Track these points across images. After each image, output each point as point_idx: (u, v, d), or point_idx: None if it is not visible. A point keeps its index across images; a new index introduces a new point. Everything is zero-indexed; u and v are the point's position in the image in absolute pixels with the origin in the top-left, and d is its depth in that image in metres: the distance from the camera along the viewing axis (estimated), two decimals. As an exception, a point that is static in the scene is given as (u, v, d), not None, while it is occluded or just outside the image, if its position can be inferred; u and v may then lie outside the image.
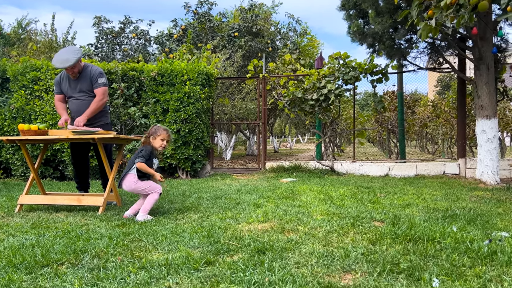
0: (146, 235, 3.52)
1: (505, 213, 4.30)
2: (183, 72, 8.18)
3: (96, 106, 5.06)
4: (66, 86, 5.24)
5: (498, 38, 7.68)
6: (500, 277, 2.46)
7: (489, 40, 6.89)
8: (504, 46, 7.90)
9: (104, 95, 5.15)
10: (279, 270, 2.62)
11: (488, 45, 6.88)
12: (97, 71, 5.18)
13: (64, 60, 4.91)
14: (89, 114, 5.01)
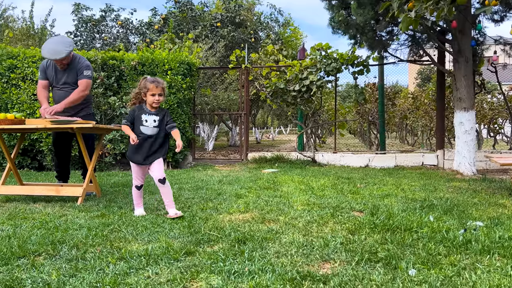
0: (125, 226, 3.49)
1: (481, 203, 4.40)
2: (164, 61, 8.08)
3: (76, 97, 4.92)
4: (52, 74, 5.08)
5: (476, 32, 7.80)
6: (474, 265, 2.52)
7: (468, 33, 6.99)
8: (482, 40, 8.03)
9: (87, 87, 4.99)
10: (259, 259, 2.64)
11: (467, 39, 6.98)
12: (85, 63, 5.03)
13: (56, 52, 4.76)
14: (67, 104, 4.88)
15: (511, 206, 4.27)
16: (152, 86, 3.79)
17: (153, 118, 3.87)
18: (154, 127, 3.86)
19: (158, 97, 3.82)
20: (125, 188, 5.49)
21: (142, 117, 3.85)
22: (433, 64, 8.07)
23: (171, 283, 2.29)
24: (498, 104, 11.71)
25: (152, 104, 3.83)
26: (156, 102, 3.82)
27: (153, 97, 3.81)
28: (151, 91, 3.80)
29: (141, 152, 3.86)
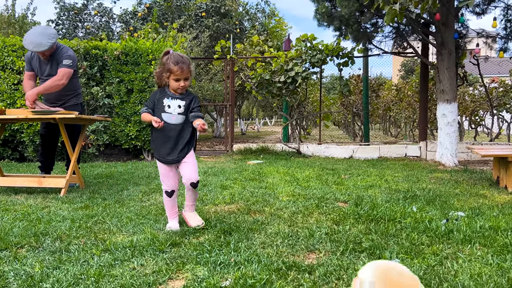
0: (110, 218, 3.46)
1: (462, 194, 4.48)
2: (148, 51, 7.99)
3: (49, 84, 4.70)
4: (37, 65, 4.94)
5: (459, 24, 7.89)
6: (456, 254, 2.57)
7: (451, 26, 7.06)
8: (465, 32, 8.12)
9: (63, 76, 4.78)
10: (245, 250, 2.64)
11: (450, 31, 7.05)
12: (66, 53, 4.84)
13: (37, 44, 4.61)
14: (40, 91, 4.70)
15: (491, 197, 4.35)
16: (176, 70, 3.01)
17: (177, 103, 3.12)
18: (179, 114, 3.12)
19: (183, 82, 3.07)
20: (109, 180, 5.44)
21: (164, 102, 3.11)
22: (417, 56, 8.15)
23: (157, 274, 2.29)
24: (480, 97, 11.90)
25: (176, 90, 3.12)
26: (181, 88, 3.09)
27: (177, 83, 3.06)
28: (175, 75, 3.04)
29: (166, 146, 3.12)
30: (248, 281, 2.16)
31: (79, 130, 5.01)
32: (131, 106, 7.84)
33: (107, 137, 7.86)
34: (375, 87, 12.91)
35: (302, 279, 2.21)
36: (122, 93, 7.89)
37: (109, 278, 2.23)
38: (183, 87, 3.09)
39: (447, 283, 2.12)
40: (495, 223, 3.19)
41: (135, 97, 7.85)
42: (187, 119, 3.15)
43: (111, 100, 7.89)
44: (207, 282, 2.15)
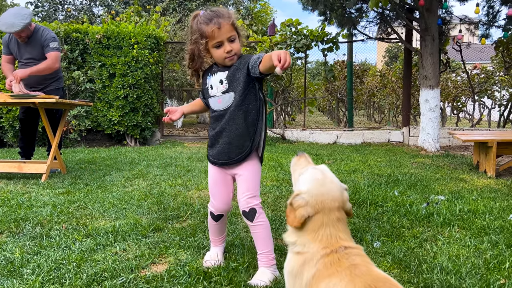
0: (92, 203, 3.43)
1: (443, 178, 4.56)
2: (131, 35, 7.85)
3: (43, 67, 4.61)
4: (15, 48, 4.81)
5: (443, 10, 7.92)
6: (435, 237, 2.62)
7: (434, 11, 7.09)
8: (448, 19, 8.17)
9: (56, 60, 4.71)
10: (229, 234, 2.65)
11: (433, 17, 7.08)
12: (49, 35, 4.74)
13: (10, 25, 4.48)
14: (33, 71, 4.58)
15: (471, 181, 4.44)
16: (211, 29, 1.98)
17: (218, 77, 2.10)
18: (223, 93, 2.08)
19: (229, 45, 2.02)
20: (91, 165, 5.38)
21: (207, 82, 2.16)
22: (401, 42, 8.17)
23: (139, 259, 2.28)
24: (462, 83, 12.04)
25: (224, 60, 2.05)
26: (230, 56, 2.03)
27: (220, 50, 2.02)
28: (213, 39, 2.00)
29: (217, 143, 2.14)
30: (231, 264, 2.18)
31: (60, 115, 4.92)
32: (114, 91, 7.73)
33: (89, 122, 7.75)
34: (360, 73, 12.94)
35: (282, 263, 2.22)
36: (104, 77, 7.76)
37: (91, 263, 2.22)
38: (231, 52, 2.02)
39: (426, 265, 2.16)
40: (474, 207, 3.26)
41: (117, 82, 7.73)
42: (240, 98, 2.05)
43: (93, 84, 7.76)
44: (190, 266, 2.16)
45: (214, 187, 2.22)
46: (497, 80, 11.31)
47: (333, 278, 1.24)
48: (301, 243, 1.40)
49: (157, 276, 2.06)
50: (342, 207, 1.44)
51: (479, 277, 2.02)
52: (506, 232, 2.66)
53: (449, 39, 8.40)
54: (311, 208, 1.38)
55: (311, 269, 1.32)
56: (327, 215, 1.39)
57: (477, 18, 8.58)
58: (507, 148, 4.90)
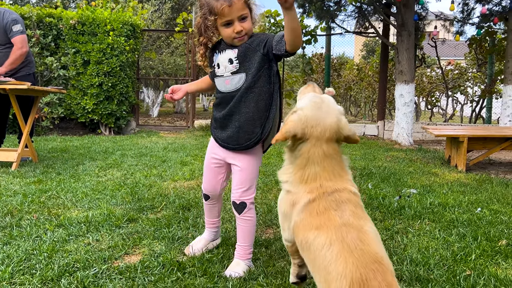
0: (64, 193, 3.37)
1: (415, 172, 4.66)
2: (106, 21, 7.68)
3: (15, 56, 4.50)
4: None
5: (419, 6, 8.04)
6: (406, 230, 2.68)
7: (411, 7, 7.19)
8: (424, 15, 8.30)
9: (23, 43, 4.56)
10: (203, 226, 2.64)
11: (410, 12, 7.18)
12: (10, 17, 4.57)
13: None
14: (7, 66, 4.48)
15: (442, 175, 4.55)
16: (221, 6, 1.83)
17: (227, 56, 1.97)
18: (233, 73, 1.96)
19: (239, 25, 1.89)
20: (64, 154, 5.27)
21: (215, 61, 2.03)
22: (378, 36, 8.26)
23: (113, 250, 2.26)
24: (436, 78, 12.29)
25: (233, 40, 1.93)
26: (240, 35, 1.91)
27: (229, 29, 1.90)
28: (223, 17, 1.87)
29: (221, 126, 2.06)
30: (205, 255, 2.18)
31: (32, 102, 4.78)
32: (88, 78, 7.57)
33: (62, 110, 7.58)
34: (337, 66, 13.04)
35: (259, 253, 2.25)
36: (78, 64, 7.59)
37: (63, 253, 2.18)
38: (241, 32, 1.89)
39: (396, 256, 2.21)
40: (444, 200, 3.35)
41: (92, 69, 7.57)
42: (253, 80, 1.92)
43: (67, 71, 7.58)
44: (164, 257, 2.15)
45: (206, 169, 2.19)
46: (470, 77, 11.59)
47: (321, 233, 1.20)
48: (291, 181, 1.37)
49: (131, 267, 2.05)
50: (336, 137, 1.37)
51: (446, 269, 2.08)
52: (473, 225, 2.75)
53: (425, 35, 8.55)
54: (300, 127, 1.33)
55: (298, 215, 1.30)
56: (313, 147, 1.33)
57: (452, 15, 8.75)
58: (477, 143, 5.04)
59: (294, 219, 1.32)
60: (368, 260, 1.13)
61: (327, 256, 1.16)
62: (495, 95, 10.21)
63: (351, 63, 15.94)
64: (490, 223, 2.78)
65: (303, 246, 1.26)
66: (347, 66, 14.90)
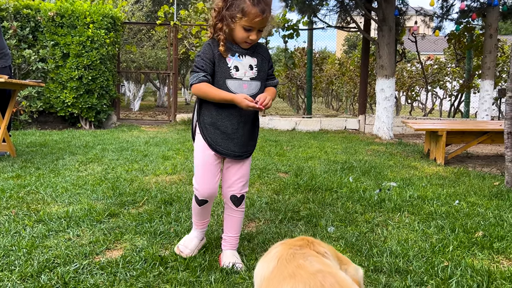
0: (44, 188, 3.32)
1: (395, 165, 4.73)
2: (86, 14, 7.54)
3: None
4: None
5: (400, 1, 8.12)
6: (386, 222, 2.73)
7: (392, 2, 7.25)
8: (405, 10, 8.39)
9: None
10: (186, 220, 2.65)
11: (391, 7, 7.25)
12: None
13: None
14: None
15: (422, 168, 4.63)
16: (255, 13, 1.87)
17: (248, 61, 2.03)
18: (252, 79, 2.03)
19: (255, 35, 1.95)
20: (43, 148, 5.18)
21: (229, 62, 2.00)
22: (359, 31, 8.32)
23: (94, 245, 2.24)
24: (416, 73, 12.46)
25: (242, 43, 1.99)
26: (250, 43, 1.99)
27: (246, 33, 1.94)
28: (249, 21, 1.89)
29: (234, 133, 2.04)
30: (187, 250, 2.18)
31: (9, 95, 4.69)
32: (67, 71, 7.44)
33: (40, 103, 7.43)
34: (319, 60, 13.09)
35: (241, 247, 2.26)
36: (57, 57, 7.44)
37: (43, 249, 2.16)
38: (253, 41, 1.98)
39: (376, 249, 2.25)
40: (423, 193, 3.41)
41: (71, 62, 7.43)
42: (261, 85, 2.07)
43: (45, 64, 7.43)
44: (146, 252, 2.14)
45: (204, 172, 2.05)
46: (449, 71, 11.79)
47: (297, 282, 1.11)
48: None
49: (112, 262, 2.03)
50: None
51: (425, 260, 2.13)
52: (451, 217, 2.81)
53: (405, 30, 8.64)
54: None
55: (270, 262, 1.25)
56: None
57: (432, 11, 8.87)
58: (455, 137, 5.14)
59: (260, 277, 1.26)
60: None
61: None
62: (473, 90, 10.42)
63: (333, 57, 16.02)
64: (467, 215, 2.85)
65: None
66: (329, 60, 14.98)
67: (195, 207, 2.14)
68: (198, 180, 2.06)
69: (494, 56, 7.82)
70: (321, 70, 13.59)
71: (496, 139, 5.13)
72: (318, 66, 12.97)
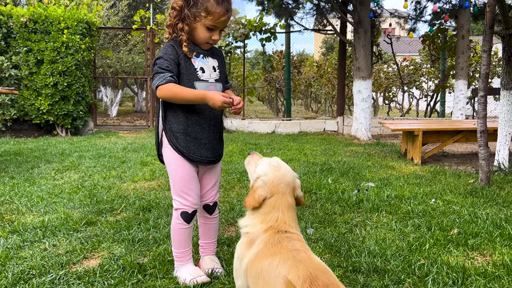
0: (19, 197, 3.25)
1: (373, 166, 4.79)
2: (60, 19, 7.42)
3: None
4: None
5: (374, 4, 8.25)
6: (364, 222, 2.76)
7: (367, 5, 7.36)
8: (380, 12, 8.52)
9: None
10: (165, 226, 2.62)
11: (366, 10, 7.35)
12: None
13: None
14: None
15: (399, 168, 4.70)
16: (220, 12, 1.85)
17: (211, 63, 2.00)
18: (215, 81, 2.00)
19: (217, 35, 1.93)
20: (18, 157, 5.07)
21: (196, 64, 1.94)
22: (336, 34, 8.42)
23: (70, 254, 2.20)
24: (393, 74, 12.65)
25: (203, 44, 1.95)
26: (212, 43, 1.97)
27: (209, 33, 1.90)
28: (213, 20, 1.86)
29: (203, 138, 1.97)
30: (167, 257, 2.16)
31: None
32: (42, 78, 7.30)
33: (14, 111, 7.27)
34: (297, 63, 13.18)
35: (221, 252, 2.25)
36: (31, 63, 7.30)
37: (17, 260, 2.11)
38: (215, 41, 1.96)
39: (355, 249, 2.27)
40: (400, 192, 3.46)
41: (46, 68, 7.30)
42: (224, 89, 2.05)
43: (19, 71, 7.28)
44: (124, 260, 2.12)
45: (190, 183, 1.94)
46: (424, 72, 12.01)
47: (276, 257, 1.33)
48: (251, 224, 1.51)
49: (89, 271, 2.00)
50: (294, 193, 1.55)
51: (402, 259, 2.16)
52: (428, 215, 2.86)
53: (381, 32, 8.78)
54: (268, 189, 1.50)
55: (254, 249, 1.43)
56: (279, 199, 1.50)
57: (406, 13, 9.04)
58: (431, 136, 5.24)
59: (249, 257, 1.44)
60: (316, 266, 1.28)
61: (281, 271, 1.28)
62: (448, 90, 10.64)
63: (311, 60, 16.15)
64: (443, 213, 2.91)
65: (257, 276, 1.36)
66: (307, 63, 15.09)
67: (182, 229, 1.95)
68: (187, 192, 1.93)
69: (467, 57, 8.01)
70: (300, 73, 13.68)
71: (470, 138, 5.26)
72: (296, 69, 13.07)
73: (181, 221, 1.93)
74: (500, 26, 4.22)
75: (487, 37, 3.79)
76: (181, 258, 1.97)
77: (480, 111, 3.86)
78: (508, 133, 4.39)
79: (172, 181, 1.95)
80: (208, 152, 1.97)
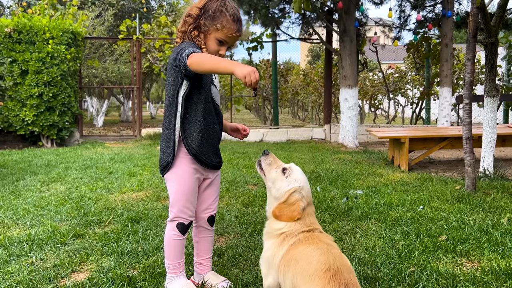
0: (4, 210, 3.19)
1: (361, 173, 4.82)
2: (45, 29, 7.37)
3: None
4: None
5: (360, 13, 8.36)
6: (354, 230, 2.77)
7: (352, 14, 7.46)
8: (365, 21, 8.64)
9: None
10: (154, 238, 2.60)
11: (351, 19, 7.45)
12: None
13: None
14: None
15: (386, 175, 4.74)
16: (233, 29, 1.90)
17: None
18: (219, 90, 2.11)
19: (224, 50, 1.96)
20: (2, 169, 4.99)
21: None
22: (322, 42, 8.49)
23: (58, 268, 2.17)
24: (379, 82, 12.79)
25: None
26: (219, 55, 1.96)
27: (218, 47, 1.92)
28: (226, 34, 1.89)
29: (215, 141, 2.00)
30: (157, 269, 2.14)
31: None
32: (27, 89, 7.22)
33: (-1, 122, 7.17)
34: (284, 72, 13.25)
35: (212, 263, 2.23)
36: (15, 74, 7.22)
37: (4, 275, 2.07)
38: (221, 56, 1.95)
39: (346, 257, 2.27)
40: (388, 200, 3.48)
41: (30, 79, 7.22)
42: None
43: (3, 82, 7.19)
44: (114, 272, 2.09)
45: (193, 196, 1.93)
46: (410, 80, 12.16)
47: (312, 245, 1.51)
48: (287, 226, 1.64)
49: (78, 285, 1.97)
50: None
51: (392, 266, 2.17)
52: (416, 222, 2.88)
53: (366, 40, 8.89)
54: (306, 201, 1.67)
55: (291, 240, 1.58)
56: (310, 206, 1.70)
57: (391, 22, 9.17)
58: (418, 143, 5.30)
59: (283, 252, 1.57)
60: (344, 264, 1.45)
61: (314, 256, 1.45)
62: (433, 97, 10.78)
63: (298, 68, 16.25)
64: (431, 220, 2.93)
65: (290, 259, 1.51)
66: (293, 71, 15.18)
67: (177, 241, 1.92)
68: (188, 205, 1.90)
69: (451, 64, 8.14)
70: (286, 81, 13.76)
71: (456, 144, 5.33)
72: (283, 77, 13.14)
73: (177, 233, 1.91)
74: (482, 34, 4.31)
75: (470, 46, 3.86)
76: (175, 269, 1.94)
77: (465, 118, 3.92)
78: (492, 140, 4.46)
79: (177, 193, 1.90)
80: (214, 156, 1.97)
